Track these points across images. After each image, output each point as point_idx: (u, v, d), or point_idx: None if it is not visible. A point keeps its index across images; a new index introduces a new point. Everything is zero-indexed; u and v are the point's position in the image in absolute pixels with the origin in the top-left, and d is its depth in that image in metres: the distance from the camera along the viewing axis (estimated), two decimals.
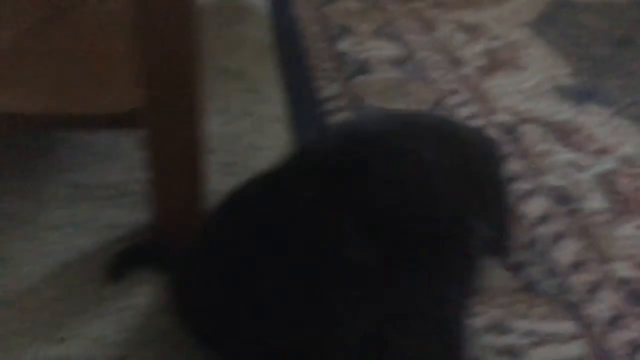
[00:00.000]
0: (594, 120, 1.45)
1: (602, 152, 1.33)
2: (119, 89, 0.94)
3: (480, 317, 0.91)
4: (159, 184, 0.95)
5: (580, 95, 1.56)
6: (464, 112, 1.45)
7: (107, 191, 1.12)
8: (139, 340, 0.86)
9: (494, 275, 0.98)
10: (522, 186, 1.20)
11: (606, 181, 1.23)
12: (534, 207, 1.14)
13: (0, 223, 1.03)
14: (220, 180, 1.16)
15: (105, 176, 1.16)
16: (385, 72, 1.61)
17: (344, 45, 1.74)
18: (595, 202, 1.17)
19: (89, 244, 1.01)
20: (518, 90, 1.56)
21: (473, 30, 1.91)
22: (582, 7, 2.12)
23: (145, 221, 1.06)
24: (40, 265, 0.97)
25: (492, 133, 1.37)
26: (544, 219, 1.12)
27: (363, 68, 1.62)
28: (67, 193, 1.11)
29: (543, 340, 0.89)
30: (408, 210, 0.53)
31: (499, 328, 0.90)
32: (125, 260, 0.97)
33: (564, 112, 1.48)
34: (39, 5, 1.16)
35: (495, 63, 1.70)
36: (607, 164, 1.29)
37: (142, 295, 0.92)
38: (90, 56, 1.04)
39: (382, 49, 1.74)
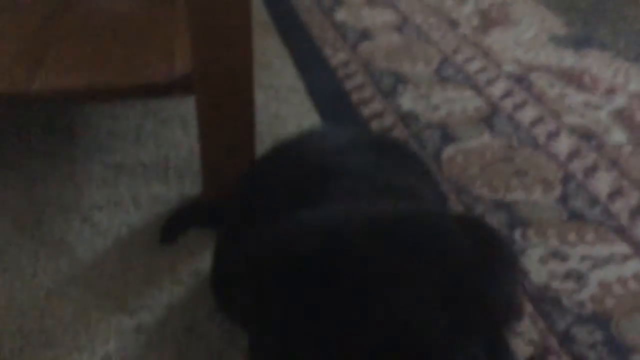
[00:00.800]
0: (597, 64, 1.49)
1: (611, 91, 1.37)
2: (161, 58, 0.94)
3: (538, 247, 0.94)
4: (209, 149, 0.95)
5: (577, 43, 1.60)
6: (472, 67, 1.47)
7: (141, 169, 1.11)
8: (206, 307, 0.86)
9: (541, 208, 1.01)
10: (546, 128, 1.23)
11: (622, 116, 1.27)
12: (562, 145, 1.17)
13: (44, 209, 1.02)
14: None
15: (136, 156, 1.15)
16: (387, 36, 1.63)
17: (340, 15, 1.75)
18: (616, 135, 1.21)
19: (136, 220, 1.00)
20: (517, 43, 1.60)
21: None
22: None
23: (188, 193, 1.06)
24: (94, 243, 0.96)
25: (504, 84, 1.39)
26: (573, 154, 1.15)
27: (365, 34, 1.64)
28: (101, 174, 1.10)
29: (600, 263, 0.92)
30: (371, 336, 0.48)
31: (557, 255, 0.93)
32: (178, 222, 0.97)
33: (567, 59, 1.52)
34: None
35: (489, 21, 1.73)
36: (618, 101, 1.33)
37: (204, 262, 0.92)
38: (119, 32, 1.03)
39: (379, 16, 1.75)
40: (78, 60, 0.95)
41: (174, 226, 0.97)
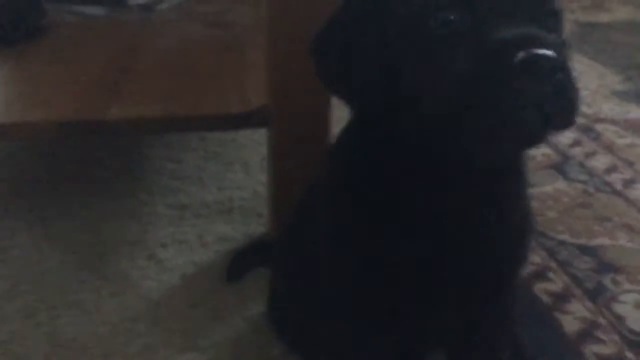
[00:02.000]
0: None
1: None
2: (234, 90, 0.93)
3: (631, 293, 0.88)
4: (278, 185, 0.91)
5: (639, 98, 1.57)
6: None
7: (205, 210, 1.09)
8: (280, 346, 0.81)
9: (629, 253, 0.96)
10: (621, 176, 1.18)
11: None
12: None
13: (108, 245, 0.99)
14: None
15: (199, 197, 1.12)
16: None
17: None
18: None
19: (202, 258, 0.97)
20: None
21: None
22: (611, 26, 2.18)
23: (253, 233, 1.03)
24: (160, 280, 0.92)
25: (571, 134, 1.36)
26: None
27: None
28: (166, 214, 1.07)
29: None
30: None
31: None
32: (244, 260, 0.93)
33: (632, 112, 1.48)
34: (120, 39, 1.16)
35: None
36: None
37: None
38: (192, 66, 1.03)
39: None
40: (153, 91, 0.94)
41: (240, 265, 0.94)
